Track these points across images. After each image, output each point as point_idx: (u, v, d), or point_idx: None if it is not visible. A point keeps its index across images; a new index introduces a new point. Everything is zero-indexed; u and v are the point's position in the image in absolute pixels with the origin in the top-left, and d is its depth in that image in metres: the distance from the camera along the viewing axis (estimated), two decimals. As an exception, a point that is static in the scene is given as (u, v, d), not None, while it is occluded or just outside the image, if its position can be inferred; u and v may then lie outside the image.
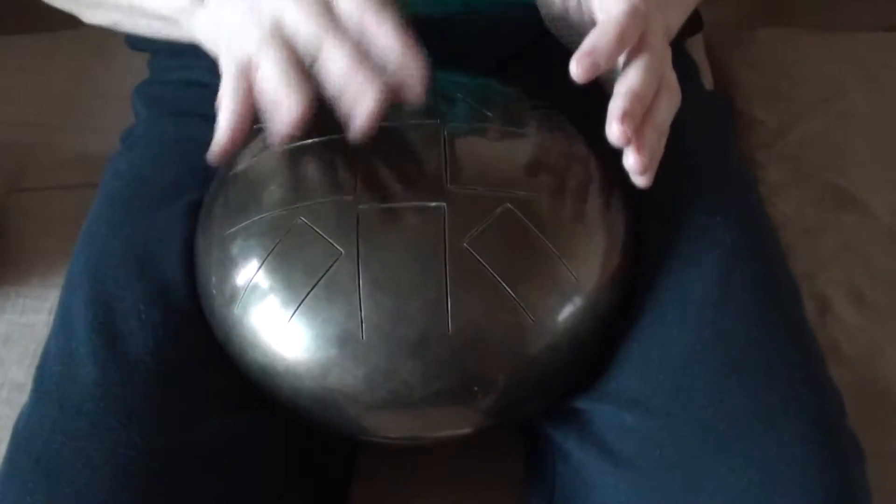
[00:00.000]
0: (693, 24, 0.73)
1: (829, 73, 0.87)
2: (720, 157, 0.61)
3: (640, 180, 0.50)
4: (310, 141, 0.53)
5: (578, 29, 0.55)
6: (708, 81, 0.86)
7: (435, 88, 0.56)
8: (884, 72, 0.87)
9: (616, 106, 0.49)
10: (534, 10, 0.56)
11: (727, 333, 0.51)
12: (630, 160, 0.49)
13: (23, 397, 0.53)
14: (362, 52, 0.47)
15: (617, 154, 0.52)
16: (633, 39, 0.50)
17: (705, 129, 0.61)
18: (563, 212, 0.52)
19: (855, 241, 0.74)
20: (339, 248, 0.49)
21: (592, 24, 0.52)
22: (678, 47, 0.60)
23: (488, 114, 0.55)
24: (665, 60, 0.53)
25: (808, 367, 0.51)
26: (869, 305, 0.70)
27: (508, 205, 0.50)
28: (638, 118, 0.49)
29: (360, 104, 0.47)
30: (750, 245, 0.55)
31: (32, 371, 0.54)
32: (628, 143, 0.49)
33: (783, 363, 0.50)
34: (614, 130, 0.48)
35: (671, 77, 0.53)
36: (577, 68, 0.48)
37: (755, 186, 0.63)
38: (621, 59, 0.51)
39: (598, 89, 0.51)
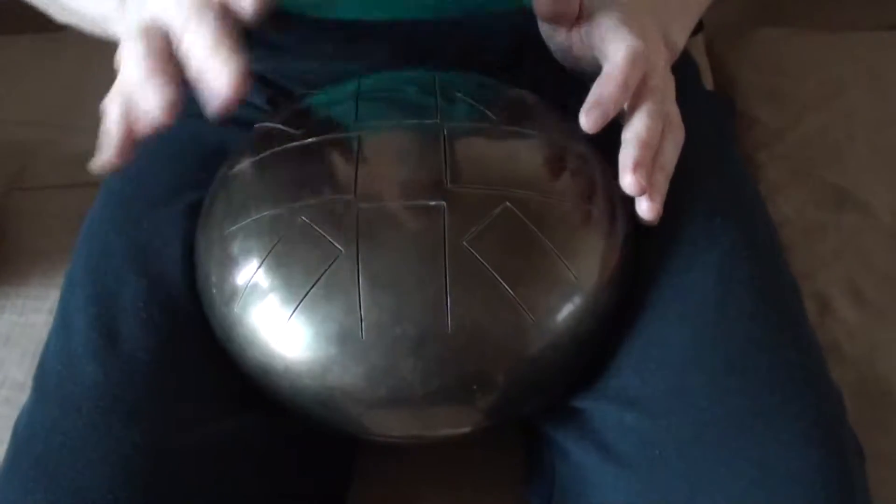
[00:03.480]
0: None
1: (830, 72, 0.87)
2: (720, 158, 0.61)
3: (649, 221, 0.51)
4: (309, 140, 0.54)
5: (583, 63, 0.55)
6: (708, 81, 0.87)
7: (435, 87, 0.56)
8: (884, 71, 0.87)
9: (627, 156, 0.50)
10: (532, 16, 0.56)
11: (727, 333, 0.51)
12: (644, 207, 0.51)
13: (23, 397, 0.53)
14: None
15: (616, 153, 0.52)
16: (636, 82, 0.50)
17: (705, 130, 0.61)
18: (562, 211, 0.52)
19: (855, 241, 0.74)
20: (338, 246, 0.49)
21: (596, 59, 0.53)
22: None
23: (488, 113, 0.55)
24: (668, 98, 0.53)
25: (808, 366, 0.51)
26: (869, 305, 0.70)
27: (508, 204, 0.50)
28: (649, 165, 0.50)
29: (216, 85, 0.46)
30: (750, 245, 0.55)
31: (32, 371, 0.54)
32: (643, 192, 0.50)
33: (783, 363, 0.50)
34: (628, 181, 0.50)
35: (674, 114, 0.54)
36: (587, 120, 0.49)
37: (755, 186, 0.63)
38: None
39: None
